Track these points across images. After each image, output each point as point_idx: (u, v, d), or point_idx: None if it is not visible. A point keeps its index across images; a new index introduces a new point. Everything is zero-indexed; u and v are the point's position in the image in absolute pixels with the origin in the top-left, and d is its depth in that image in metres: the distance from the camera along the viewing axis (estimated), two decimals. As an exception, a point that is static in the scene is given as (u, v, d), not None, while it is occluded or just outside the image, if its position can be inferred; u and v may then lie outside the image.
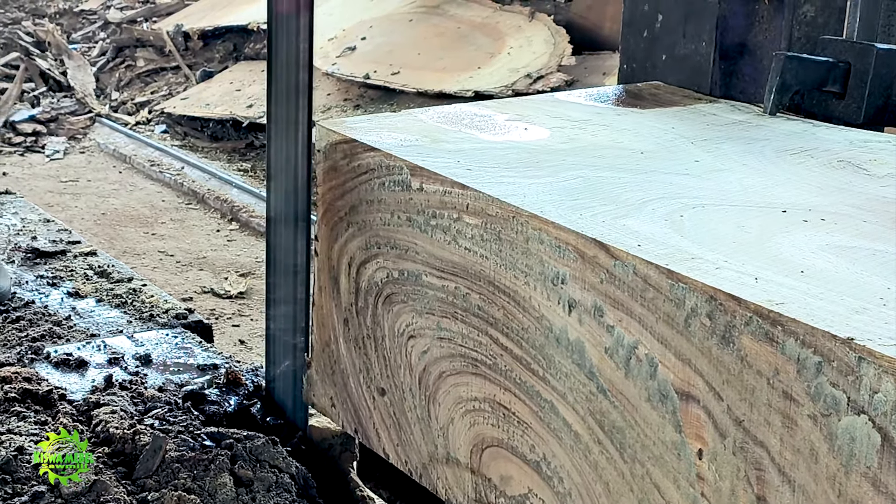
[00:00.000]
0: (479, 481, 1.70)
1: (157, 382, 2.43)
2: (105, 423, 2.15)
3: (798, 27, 2.16)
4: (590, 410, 1.49)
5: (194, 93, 9.56)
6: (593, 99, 2.14)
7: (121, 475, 2.02)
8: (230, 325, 5.58)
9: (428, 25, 9.39)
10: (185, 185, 7.65)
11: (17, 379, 2.30)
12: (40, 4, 12.17)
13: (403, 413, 1.83)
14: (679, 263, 1.38)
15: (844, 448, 1.20)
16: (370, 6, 9.99)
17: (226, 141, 8.78)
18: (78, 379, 2.43)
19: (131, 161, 8.25)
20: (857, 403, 1.18)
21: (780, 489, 1.27)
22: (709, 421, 1.34)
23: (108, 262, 3.23)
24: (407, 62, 8.91)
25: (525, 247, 1.55)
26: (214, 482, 2.01)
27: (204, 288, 6.04)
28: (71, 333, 2.70)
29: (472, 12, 9.75)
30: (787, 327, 1.24)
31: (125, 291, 3.00)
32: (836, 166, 1.79)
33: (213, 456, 2.05)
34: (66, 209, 6.95)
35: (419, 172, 1.71)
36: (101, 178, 7.94)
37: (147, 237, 6.80)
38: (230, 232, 6.96)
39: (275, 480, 2.06)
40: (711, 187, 1.67)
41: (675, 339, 1.36)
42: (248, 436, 2.15)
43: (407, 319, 1.78)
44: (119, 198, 7.50)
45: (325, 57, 9.11)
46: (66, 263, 3.23)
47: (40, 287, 3.02)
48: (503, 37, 9.29)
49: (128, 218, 7.12)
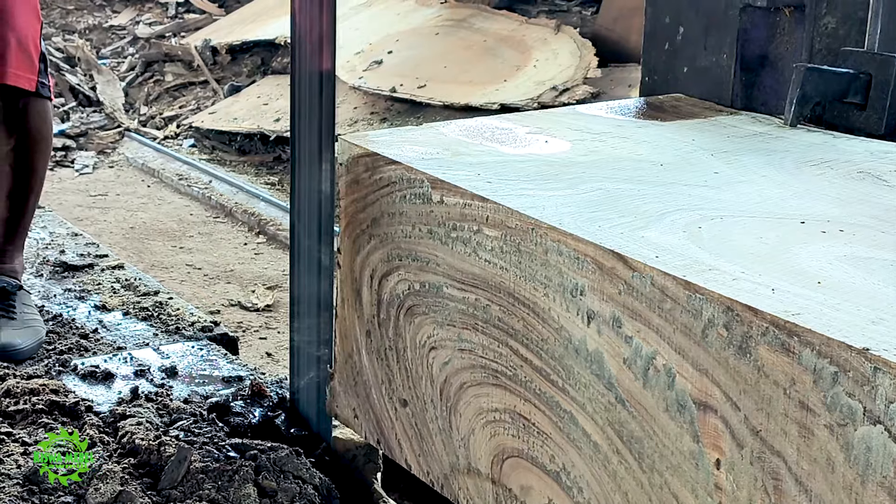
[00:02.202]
0: (500, 492, 1.71)
1: (182, 394, 2.46)
2: (131, 435, 2.18)
3: (819, 39, 2.16)
4: (608, 420, 1.50)
5: (222, 107, 9.60)
6: (614, 112, 2.15)
7: (146, 486, 2.05)
8: (257, 338, 5.60)
9: (454, 39, 9.41)
10: (213, 199, 7.68)
11: (44, 391, 2.34)
12: (70, 20, 12.25)
13: (425, 424, 1.84)
14: (696, 275, 1.39)
15: (861, 458, 1.20)
16: (397, 20, 10.02)
17: (253, 154, 8.81)
18: (104, 391, 2.46)
19: (160, 175, 8.29)
20: (874, 413, 1.18)
21: (797, 499, 1.28)
22: (726, 431, 1.35)
23: (135, 276, 3.26)
24: (433, 75, 8.93)
25: (544, 258, 1.56)
26: (238, 493, 2.03)
27: (231, 301, 6.06)
28: (98, 346, 2.74)
29: (499, 25, 9.75)
30: (803, 338, 1.25)
31: (151, 304, 3.03)
32: (856, 177, 1.80)
33: (238, 467, 2.07)
34: (94, 223, 6.98)
35: (440, 185, 1.72)
36: (129, 192, 7.98)
37: (175, 250, 6.83)
38: (257, 245, 6.99)
39: (298, 491, 2.08)
40: (730, 199, 1.67)
41: (693, 350, 1.37)
42: (272, 447, 2.18)
43: (428, 331, 1.79)
44: (147, 211, 7.54)
45: (352, 71, 9.14)
46: (94, 277, 3.26)
47: (68, 300, 3.06)
48: (529, 50, 9.28)
49: (156, 231, 7.15)
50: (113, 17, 12.32)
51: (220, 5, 11.87)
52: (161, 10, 12.17)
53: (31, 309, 2.76)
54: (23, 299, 2.76)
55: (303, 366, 2.31)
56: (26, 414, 2.27)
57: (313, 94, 2.18)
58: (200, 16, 11.66)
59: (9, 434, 2.20)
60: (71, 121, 9.35)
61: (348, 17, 10.21)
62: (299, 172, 2.21)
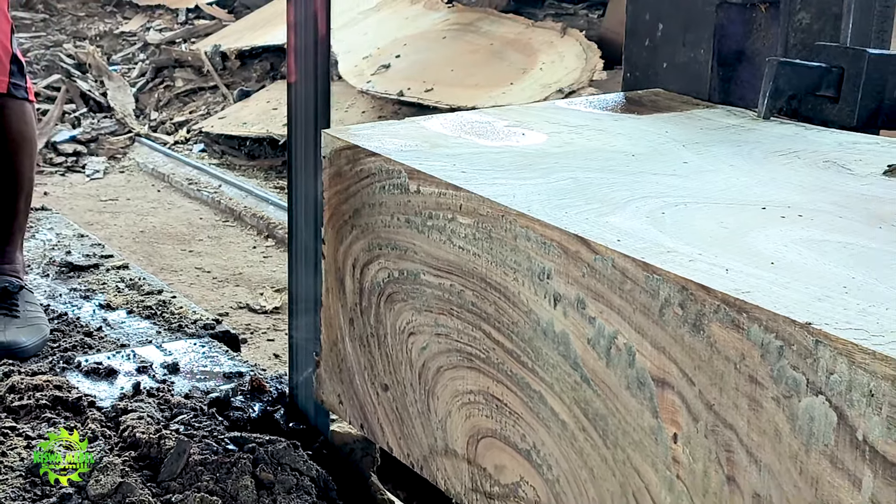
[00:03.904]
0: (476, 471, 1.76)
1: (183, 390, 2.51)
2: (132, 429, 2.23)
3: (794, 34, 2.22)
4: (575, 399, 1.56)
5: (232, 112, 9.66)
6: (593, 106, 2.21)
7: (146, 478, 2.10)
8: (265, 340, 5.65)
9: (461, 42, 9.46)
10: (223, 203, 7.74)
11: (48, 387, 2.40)
12: (81, 27, 12.36)
13: (405, 408, 1.90)
14: (655, 256, 1.44)
15: (805, 428, 1.26)
16: (405, 25, 10.07)
17: (262, 159, 8.88)
18: (107, 386, 2.52)
19: (169, 180, 8.35)
20: (816, 385, 1.24)
21: (748, 469, 1.33)
22: (682, 406, 1.40)
23: (140, 275, 3.32)
24: (440, 79, 8.98)
25: (514, 244, 1.62)
26: (236, 484, 2.08)
27: (240, 303, 6.10)
28: (102, 343, 2.80)
29: (505, 29, 9.78)
30: (751, 314, 1.30)
31: (155, 303, 3.10)
32: (822, 166, 1.85)
33: (236, 459, 2.12)
34: (105, 227, 7.04)
35: (416, 175, 1.78)
36: (139, 196, 8.04)
37: (184, 254, 6.88)
38: (266, 248, 7.04)
39: (295, 483, 2.12)
40: (696, 187, 1.73)
41: (651, 329, 1.43)
42: (270, 440, 2.23)
43: (407, 317, 1.85)
44: (157, 216, 7.59)
45: (360, 75, 9.20)
46: (99, 276, 3.32)
47: (73, 299, 3.12)
48: (536, 53, 9.31)
49: (165, 235, 7.20)
50: (124, 23, 12.44)
51: (230, 11, 11.97)
52: (171, 16, 12.27)
53: (34, 307, 2.83)
54: (26, 298, 2.82)
55: (301, 361, 2.36)
56: (30, 409, 2.33)
57: (308, 95, 2.23)
58: (210, 22, 11.75)
59: (13, 428, 2.26)
60: (82, 126, 9.43)
61: (357, 22, 10.29)
62: (296, 172, 2.27)
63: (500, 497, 1.72)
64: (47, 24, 12.41)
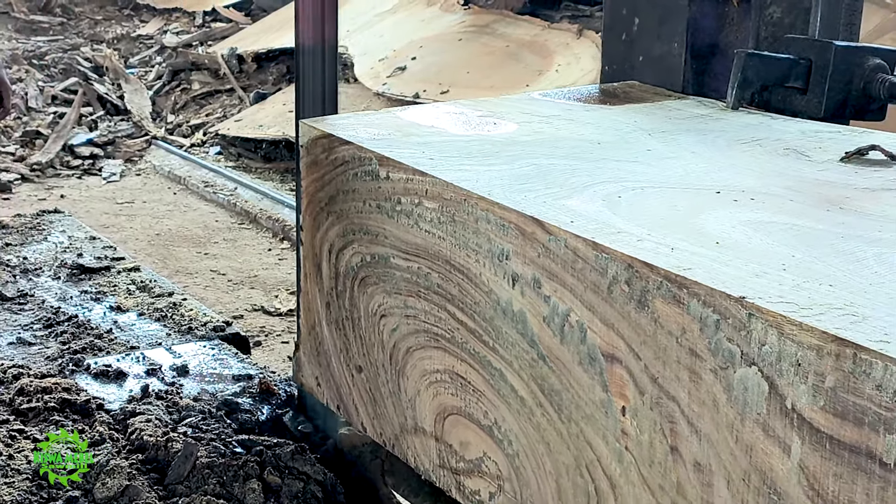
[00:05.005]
0: (443, 448, 1.82)
1: (192, 392, 2.50)
2: (140, 431, 2.23)
3: (765, 27, 2.27)
4: (532, 376, 1.61)
5: (248, 114, 9.73)
6: (567, 97, 2.26)
7: (153, 481, 2.10)
8: (279, 342, 5.69)
9: (477, 44, 9.50)
10: (238, 206, 7.79)
11: (56, 389, 2.39)
12: (98, 30, 12.48)
13: (378, 388, 1.96)
14: (605, 236, 1.50)
15: (739, 398, 1.31)
16: (421, 27, 10.12)
17: (278, 161, 8.94)
18: (116, 389, 2.51)
19: (186, 182, 8.40)
20: (749, 356, 1.29)
21: (690, 439, 1.38)
22: (630, 380, 1.46)
23: (151, 278, 3.30)
24: (456, 81, 9.02)
25: (475, 227, 1.68)
26: (243, 488, 2.09)
27: (255, 306, 6.14)
28: (112, 346, 2.78)
29: (521, 30, 9.81)
30: (691, 290, 1.36)
31: (165, 305, 3.08)
32: (782, 154, 1.90)
33: (243, 462, 2.13)
34: (121, 230, 7.10)
35: (386, 162, 1.84)
36: (156, 199, 8.10)
37: (200, 256, 6.91)
38: (281, 251, 7.09)
39: (302, 487, 2.13)
40: (655, 173, 1.78)
41: (601, 306, 1.48)
42: (277, 443, 2.23)
43: (379, 300, 1.91)
44: (173, 218, 7.64)
45: (376, 77, 9.25)
46: (110, 279, 3.31)
47: (84, 302, 3.11)
48: (551, 54, 9.34)
49: (181, 238, 7.24)
50: (141, 26, 12.56)
51: (246, 14, 12.06)
52: (188, 19, 12.38)
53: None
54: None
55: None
56: (38, 412, 2.32)
57: (317, 96, 2.27)
58: (227, 25, 11.84)
59: (20, 431, 2.25)
60: (99, 129, 9.52)
61: (372, 25, 10.35)
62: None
63: (465, 472, 1.78)
64: (65, 27, 12.54)
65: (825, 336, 1.20)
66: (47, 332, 2.86)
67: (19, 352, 2.75)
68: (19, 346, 2.79)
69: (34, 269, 3.37)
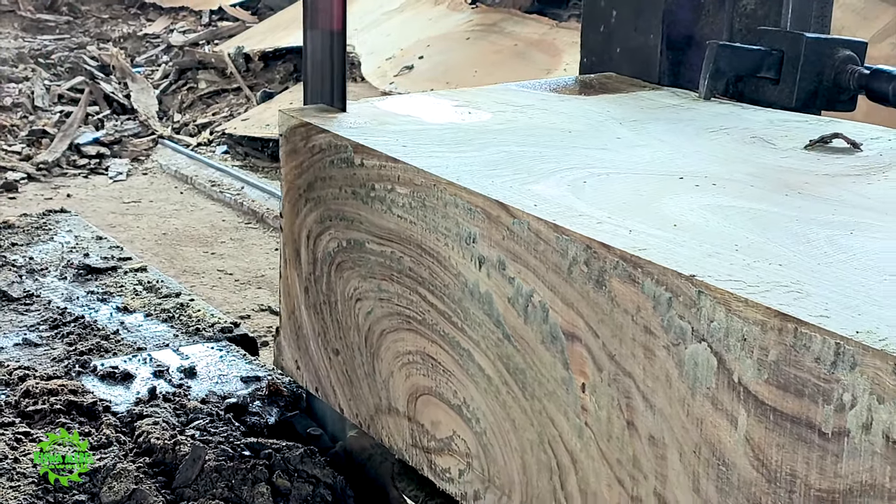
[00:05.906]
0: (415, 427, 1.87)
1: (200, 394, 2.47)
2: (147, 434, 2.21)
3: (739, 19, 2.31)
4: (498, 355, 1.66)
5: (255, 113, 9.77)
6: (543, 88, 2.31)
7: (161, 484, 2.09)
8: (286, 343, 5.65)
9: (485, 43, 9.53)
10: (245, 205, 7.81)
11: (63, 391, 2.36)
12: (105, 29, 12.54)
13: (354, 370, 2.01)
14: (566, 219, 1.55)
15: (690, 373, 1.36)
16: (428, 26, 10.15)
17: (283, 159, 8.93)
18: (123, 391, 2.48)
19: (192, 182, 8.42)
20: (699, 332, 1.34)
21: (645, 414, 1.43)
22: (589, 357, 1.50)
23: (158, 278, 3.26)
24: (463, 80, 9.03)
25: (444, 211, 1.72)
26: (252, 491, 2.08)
27: (261, 306, 6.13)
28: (118, 347, 2.75)
29: (529, 29, 9.82)
30: (645, 269, 1.40)
31: (173, 306, 3.04)
32: (748, 142, 1.94)
33: (251, 466, 2.11)
34: (127, 229, 7.11)
35: (361, 149, 1.89)
36: (162, 198, 8.12)
37: (207, 256, 6.91)
38: (289, 250, 7.05)
39: (312, 490, 2.12)
40: (622, 160, 1.83)
41: (562, 286, 1.53)
42: (286, 446, 2.21)
43: (355, 284, 1.96)
44: (180, 218, 7.65)
45: (384, 76, 9.28)
46: (117, 279, 3.26)
47: (90, 302, 3.07)
48: (559, 53, 9.36)
49: (188, 238, 7.25)
50: (147, 25, 12.64)
51: (253, 13, 12.12)
52: (195, 18, 12.45)
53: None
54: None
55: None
56: (44, 414, 2.30)
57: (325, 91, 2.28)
58: (234, 23, 11.90)
59: (26, 434, 2.23)
60: (105, 129, 9.58)
61: (380, 23, 10.40)
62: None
63: (435, 451, 1.83)
64: (71, 26, 12.61)
65: (769, 311, 1.25)
66: (53, 332, 2.83)
67: (25, 353, 2.71)
68: (25, 348, 2.75)
69: (40, 270, 3.34)
